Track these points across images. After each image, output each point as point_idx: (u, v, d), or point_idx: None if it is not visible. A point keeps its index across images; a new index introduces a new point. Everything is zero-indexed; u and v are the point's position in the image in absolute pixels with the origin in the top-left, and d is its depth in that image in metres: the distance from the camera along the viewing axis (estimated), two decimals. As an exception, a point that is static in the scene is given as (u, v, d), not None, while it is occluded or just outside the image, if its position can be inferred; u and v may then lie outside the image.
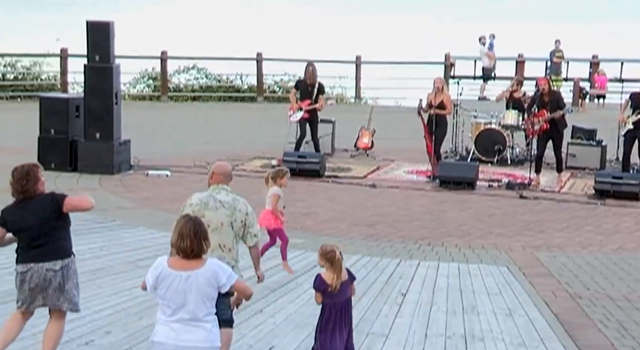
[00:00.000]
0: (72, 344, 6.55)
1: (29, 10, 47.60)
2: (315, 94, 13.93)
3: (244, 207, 5.90)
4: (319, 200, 11.83)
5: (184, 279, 4.69)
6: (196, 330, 4.72)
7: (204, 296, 4.71)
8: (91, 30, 12.72)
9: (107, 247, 9.19)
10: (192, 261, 4.73)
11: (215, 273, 4.73)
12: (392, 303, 7.82)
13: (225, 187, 5.95)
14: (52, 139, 12.66)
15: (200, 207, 5.82)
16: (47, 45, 21.07)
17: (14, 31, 32.85)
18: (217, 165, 6.10)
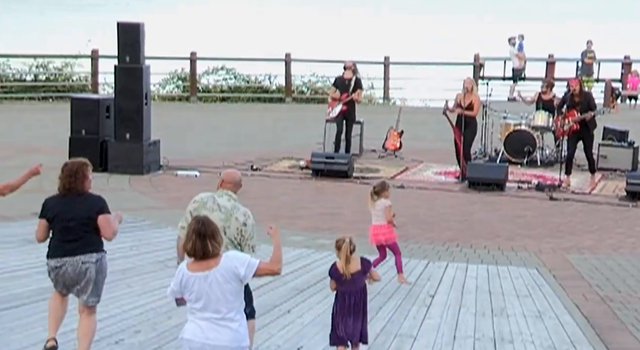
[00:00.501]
0: (102, 342, 6.61)
1: (61, 12, 48.13)
2: (352, 87, 13.97)
3: (242, 218, 5.86)
4: (347, 201, 11.82)
5: (203, 280, 4.72)
6: (223, 329, 4.73)
7: (226, 293, 4.72)
8: (122, 31, 12.83)
9: (137, 246, 9.26)
10: (207, 261, 4.74)
11: (232, 267, 4.73)
12: (421, 304, 7.80)
13: (230, 194, 5.95)
14: (83, 139, 12.78)
15: (199, 205, 5.90)
16: (79, 46, 21.27)
17: (46, 33, 33.24)
18: (226, 173, 6.15)
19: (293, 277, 8.43)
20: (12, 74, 20.79)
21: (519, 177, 13.34)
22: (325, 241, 9.65)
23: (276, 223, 10.68)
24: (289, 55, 21.22)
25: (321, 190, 12.49)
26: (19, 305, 7.19)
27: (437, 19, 50.23)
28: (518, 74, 23.35)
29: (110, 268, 8.34)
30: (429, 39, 37.22)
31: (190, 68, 21.02)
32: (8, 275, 7.65)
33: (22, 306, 7.14)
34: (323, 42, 31.60)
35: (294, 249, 9.41)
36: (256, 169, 13.50)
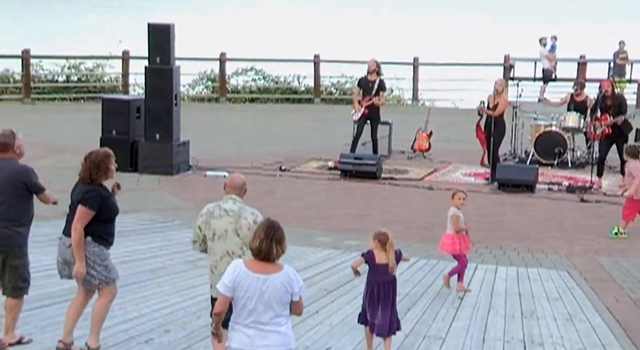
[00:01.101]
0: (132, 342, 6.66)
1: (93, 13, 48.61)
2: (375, 90, 13.93)
3: (251, 217, 5.90)
4: (376, 202, 11.80)
5: (261, 282, 4.72)
6: (271, 335, 4.74)
7: (278, 300, 4.74)
8: (152, 32, 12.93)
9: (167, 246, 9.32)
10: (268, 264, 4.75)
11: (291, 279, 4.78)
12: (449, 306, 7.76)
13: (234, 197, 6.00)
14: (114, 139, 12.87)
15: (207, 216, 5.94)
16: (110, 47, 21.47)
17: (78, 34, 33.59)
18: (230, 177, 6.23)
19: (321, 278, 8.44)
20: (44, 75, 21.03)
21: (550, 179, 13.23)
22: (353, 242, 9.65)
23: (304, 224, 10.76)
24: (318, 56, 21.23)
25: (349, 191, 12.48)
26: (50, 303, 7.27)
27: (467, 19, 49.99)
28: (548, 75, 23.15)
29: (140, 268, 8.45)
30: (459, 39, 37.04)
31: (219, 69, 21.11)
32: (40, 274, 7.72)
33: (54, 305, 7.22)
34: (352, 43, 31.58)
35: (322, 250, 9.42)
36: (285, 170, 13.52)
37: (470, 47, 31.39)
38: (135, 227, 9.90)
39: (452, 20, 49.59)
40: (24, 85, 19.66)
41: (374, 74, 14.02)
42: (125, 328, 6.84)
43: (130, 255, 8.61)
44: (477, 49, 29.61)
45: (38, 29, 35.89)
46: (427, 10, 54.84)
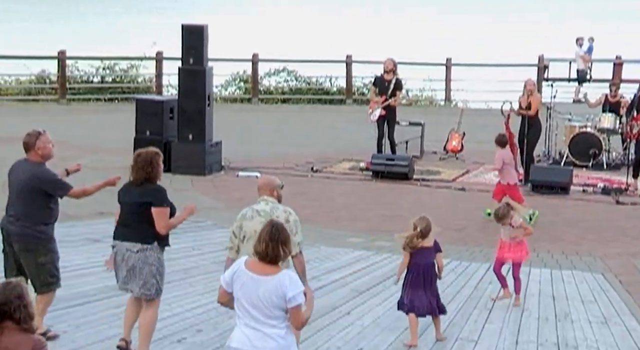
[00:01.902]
0: (164, 341, 6.71)
1: (127, 15, 49.07)
2: (391, 89, 13.75)
3: (283, 215, 5.90)
4: (407, 203, 11.75)
5: (254, 282, 4.70)
6: (268, 339, 4.70)
7: (272, 304, 4.69)
8: (186, 33, 13.00)
9: (199, 246, 9.37)
10: (267, 266, 4.72)
11: (283, 285, 4.67)
12: (482, 308, 7.71)
13: (265, 198, 6.02)
14: (147, 139, 12.93)
15: (241, 221, 5.97)
16: (144, 48, 21.64)
17: (112, 35, 33.93)
18: (260, 178, 6.27)
19: (352, 278, 8.43)
20: (79, 75, 21.26)
21: (584, 181, 13.08)
22: (384, 243, 9.62)
23: (336, 224, 10.75)
24: (350, 56, 21.21)
25: (381, 192, 12.45)
26: (84, 302, 7.34)
27: (501, 19, 49.63)
28: (583, 76, 22.89)
29: (172, 267, 8.49)
30: (492, 40, 36.78)
31: (252, 70, 21.18)
32: (74, 274, 7.82)
33: (87, 304, 7.29)
34: (385, 44, 31.51)
35: (353, 250, 9.40)
36: (316, 171, 13.53)
37: (504, 48, 31.15)
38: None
39: (486, 20, 49.27)
40: (60, 86, 19.89)
41: (391, 73, 13.83)
42: (158, 327, 6.87)
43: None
44: (510, 50, 29.37)
45: (74, 31, 36.32)
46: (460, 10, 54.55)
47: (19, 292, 3.93)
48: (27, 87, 20.76)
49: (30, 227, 6.38)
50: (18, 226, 6.40)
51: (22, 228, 6.38)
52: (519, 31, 41.97)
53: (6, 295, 3.92)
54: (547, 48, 24.18)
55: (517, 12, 52.69)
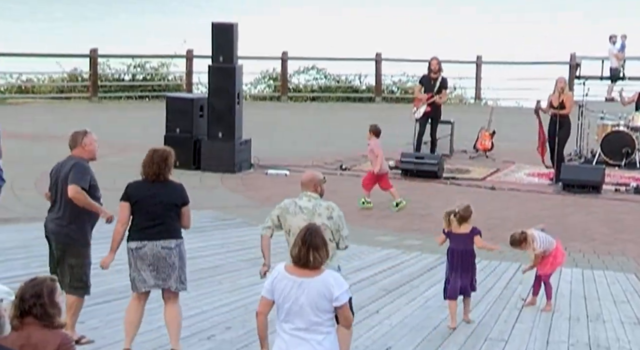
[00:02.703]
0: (193, 338, 6.73)
1: (158, 13, 49.38)
2: (437, 87, 13.83)
3: (326, 212, 5.91)
4: (437, 202, 11.68)
5: (297, 285, 4.65)
6: (306, 343, 4.65)
7: (316, 307, 4.63)
8: (216, 31, 13.05)
9: (227, 244, 9.40)
10: (309, 270, 4.66)
11: (329, 284, 4.63)
12: (512, 308, 7.65)
13: (308, 194, 5.99)
14: (177, 137, 13.04)
15: (283, 211, 5.99)
16: (174, 46, 21.76)
17: (143, 33, 34.16)
18: (304, 174, 6.24)
19: (381, 277, 8.40)
20: (111, 73, 21.44)
21: (617, 180, 12.92)
22: (414, 242, 9.59)
23: (365, 222, 10.72)
24: (380, 54, 21.16)
25: (410, 191, 12.40)
26: (113, 299, 7.39)
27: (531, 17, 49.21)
28: (616, 74, 22.61)
29: (201, 265, 8.54)
30: (523, 37, 36.48)
31: (281, 68, 21.20)
32: (104, 270, 7.86)
33: (117, 300, 7.33)
34: (414, 42, 31.38)
35: (382, 249, 9.38)
36: (345, 169, 13.51)
37: (535, 46, 30.87)
38: (197, 225, 9.94)
39: (517, 18, 48.88)
40: (92, 84, 20.07)
41: (437, 72, 13.94)
42: (187, 324, 6.90)
43: (191, 252, 8.65)
44: (542, 48, 29.10)
45: (106, 29, 36.63)
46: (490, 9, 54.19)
47: (37, 291, 3.96)
48: (59, 85, 20.97)
49: (66, 225, 6.42)
50: (55, 224, 6.44)
51: (59, 226, 6.43)
52: (551, 29, 41.57)
53: (25, 292, 3.97)
54: (579, 46, 23.92)
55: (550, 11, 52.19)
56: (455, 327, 7.11)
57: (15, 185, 11.15)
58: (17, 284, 4.07)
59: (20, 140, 13.42)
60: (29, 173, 11.56)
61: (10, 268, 7.70)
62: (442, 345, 6.84)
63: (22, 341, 3.93)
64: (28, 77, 20.73)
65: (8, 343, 3.85)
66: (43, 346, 3.93)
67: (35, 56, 20.58)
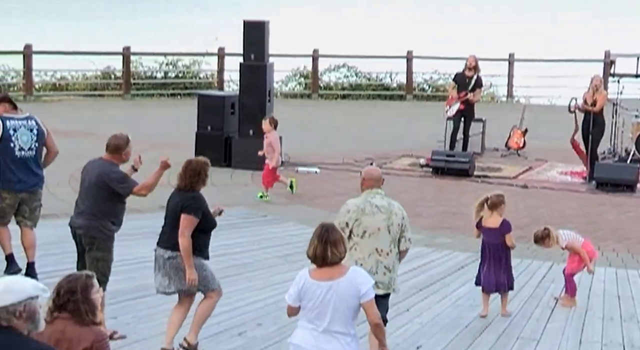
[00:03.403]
0: (224, 334, 6.77)
1: (190, 11, 49.66)
2: (472, 86, 13.76)
3: (400, 211, 5.91)
4: (468, 200, 11.57)
5: (326, 289, 4.64)
6: (334, 341, 4.67)
7: (345, 305, 4.65)
8: (247, 29, 13.09)
9: (258, 241, 9.43)
10: (332, 270, 4.66)
11: (356, 282, 4.66)
12: (544, 307, 7.59)
13: (379, 192, 5.93)
14: (209, 135, 13.11)
15: (358, 214, 5.82)
16: (206, 44, 21.87)
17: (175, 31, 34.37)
18: (367, 170, 6.12)
19: (412, 275, 8.38)
20: (143, 71, 21.60)
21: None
22: (445, 240, 9.54)
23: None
24: (411, 52, 21.08)
25: (441, 189, 12.35)
26: (145, 295, 7.44)
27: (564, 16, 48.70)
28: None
29: (232, 262, 8.59)
30: (557, 35, 36.11)
31: (312, 65, 21.22)
32: (137, 266, 7.94)
33: (148, 297, 7.38)
34: (446, 39, 31.22)
35: (413, 247, 9.32)
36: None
37: (569, 44, 30.56)
38: (228, 222, 10.04)
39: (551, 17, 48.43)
40: (125, 82, 20.25)
41: (472, 70, 13.84)
42: (218, 321, 6.95)
43: (222, 249, 8.74)
44: (575, 45, 28.80)
45: (138, 27, 36.91)
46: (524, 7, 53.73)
47: (71, 287, 4.01)
48: (93, 83, 21.19)
49: (95, 220, 6.52)
50: (83, 219, 6.54)
51: (87, 220, 6.53)
52: (585, 26, 41.11)
53: (60, 287, 4.02)
54: (614, 43, 23.62)
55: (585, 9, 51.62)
56: (486, 314, 7.18)
57: (49, 182, 11.27)
58: (51, 279, 4.12)
59: (55, 137, 13.53)
60: (63, 169, 11.68)
61: (45, 264, 7.80)
62: (473, 344, 6.81)
63: (57, 336, 3.98)
64: (62, 74, 20.97)
65: (44, 338, 3.90)
66: (77, 342, 3.97)
67: (70, 54, 20.80)
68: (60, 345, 3.93)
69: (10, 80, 20.18)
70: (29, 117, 7.68)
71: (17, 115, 7.61)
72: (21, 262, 7.76)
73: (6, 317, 3.65)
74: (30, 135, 7.56)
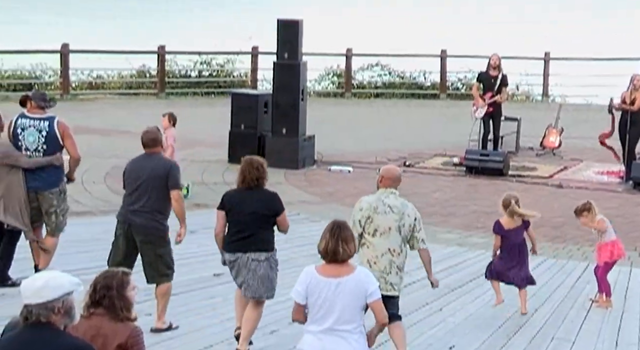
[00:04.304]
0: (257, 332, 6.78)
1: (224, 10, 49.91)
2: (497, 85, 13.62)
3: (413, 213, 5.88)
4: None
5: (334, 286, 4.64)
6: (342, 341, 4.65)
7: (351, 304, 4.64)
8: (281, 28, 13.12)
9: (291, 240, 9.42)
10: (340, 267, 4.66)
11: (362, 281, 4.67)
12: (579, 308, 7.51)
13: (394, 191, 5.92)
14: (242, 133, 13.16)
15: (370, 212, 5.85)
16: (240, 43, 21.95)
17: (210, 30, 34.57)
18: (386, 169, 6.10)
19: (445, 274, 8.33)
20: (178, 70, 21.75)
21: (690, 179, 12.54)
22: (478, 240, 9.48)
23: (429, 220, 10.65)
24: (445, 51, 20.98)
25: (475, 188, 12.27)
26: (180, 292, 7.47)
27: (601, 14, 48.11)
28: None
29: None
30: (593, 33, 35.69)
31: (345, 64, 21.20)
32: (186, 261, 7.97)
33: (183, 294, 7.45)
34: (480, 38, 31.00)
35: (446, 246, 9.30)
36: (409, 166, 13.44)
37: (605, 42, 30.17)
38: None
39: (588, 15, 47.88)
40: (159, 81, 20.40)
41: (496, 69, 13.68)
42: (251, 318, 6.97)
43: (256, 246, 8.79)
44: (612, 44, 28.42)
45: (173, 26, 37.18)
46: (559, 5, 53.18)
47: (107, 283, 4.05)
48: (128, 82, 21.39)
49: (155, 219, 6.57)
50: (145, 218, 6.55)
51: (149, 220, 6.55)
52: (624, 24, 40.57)
53: (97, 283, 4.06)
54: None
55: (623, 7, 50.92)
56: (501, 301, 7.21)
57: (86, 180, 11.42)
58: (86, 276, 4.15)
59: (90, 135, 13.71)
60: (99, 167, 11.82)
61: (79, 260, 7.89)
62: (507, 344, 6.75)
63: (93, 332, 4.02)
64: (98, 73, 21.19)
65: (79, 333, 3.94)
66: (112, 337, 4.01)
67: (105, 53, 21.01)
68: (96, 341, 3.97)
69: (48, 79, 20.45)
70: (46, 118, 7.30)
71: (34, 114, 7.28)
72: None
73: (45, 313, 3.70)
74: (38, 137, 7.24)
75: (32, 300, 3.70)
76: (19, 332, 3.76)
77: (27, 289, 3.73)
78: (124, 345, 4.01)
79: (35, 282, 3.75)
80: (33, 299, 3.70)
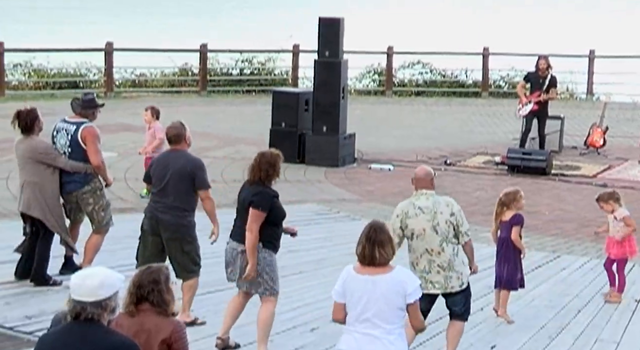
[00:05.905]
0: (297, 330, 6.81)
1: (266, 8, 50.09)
2: (546, 85, 13.50)
3: (447, 209, 5.83)
4: (545, 199, 11.41)
5: (370, 283, 4.62)
6: (378, 342, 4.61)
7: (389, 303, 4.59)
8: (322, 26, 13.11)
9: (331, 238, 9.45)
10: (376, 267, 4.63)
11: (402, 281, 4.62)
12: (624, 309, 7.39)
13: (426, 192, 5.89)
14: (283, 131, 13.19)
15: (402, 217, 5.87)
16: (281, 41, 22.01)
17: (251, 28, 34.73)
18: (417, 169, 6.08)
19: (486, 274, 8.23)
20: (219, 68, 21.89)
21: None
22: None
23: (470, 219, 10.52)
24: (487, 49, 20.79)
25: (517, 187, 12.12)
26: (217, 289, 7.51)
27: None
28: None
29: (305, 258, 8.62)
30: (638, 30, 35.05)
31: (386, 62, 21.13)
32: (212, 260, 7.95)
33: (222, 291, 7.45)
34: (523, 35, 30.67)
35: (487, 245, 9.20)
36: (450, 164, 13.35)
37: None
38: (301, 218, 10.11)
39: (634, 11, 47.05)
40: (201, 79, 20.55)
41: (546, 70, 13.58)
42: (291, 316, 7.00)
43: (295, 245, 8.76)
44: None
45: (215, 24, 37.43)
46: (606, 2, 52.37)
47: (154, 277, 4.07)
48: (170, 80, 21.59)
49: (182, 216, 6.63)
50: (171, 215, 6.60)
51: (176, 217, 6.60)
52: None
53: (143, 278, 4.08)
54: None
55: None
56: (497, 309, 7.08)
57: (128, 177, 11.57)
58: (125, 273, 4.15)
59: (134, 132, 13.87)
60: (141, 165, 11.95)
61: (120, 257, 7.96)
62: (549, 345, 6.68)
63: (136, 327, 4.05)
64: (142, 71, 21.43)
65: (123, 329, 3.96)
66: (156, 332, 4.03)
67: (148, 51, 21.23)
68: (139, 337, 3.98)
69: (92, 77, 20.74)
70: (78, 123, 7.54)
71: (72, 119, 7.62)
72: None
73: (98, 311, 3.69)
74: (66, 140, 7.53)
75: (87, 298, 3.69)
76: (68, 328, 3.74)
77: (81, 287, 3.71)
78: (168, 340, 4.03)
79: (90, 280, 3.73)
80: (87, 297, 3.69)
